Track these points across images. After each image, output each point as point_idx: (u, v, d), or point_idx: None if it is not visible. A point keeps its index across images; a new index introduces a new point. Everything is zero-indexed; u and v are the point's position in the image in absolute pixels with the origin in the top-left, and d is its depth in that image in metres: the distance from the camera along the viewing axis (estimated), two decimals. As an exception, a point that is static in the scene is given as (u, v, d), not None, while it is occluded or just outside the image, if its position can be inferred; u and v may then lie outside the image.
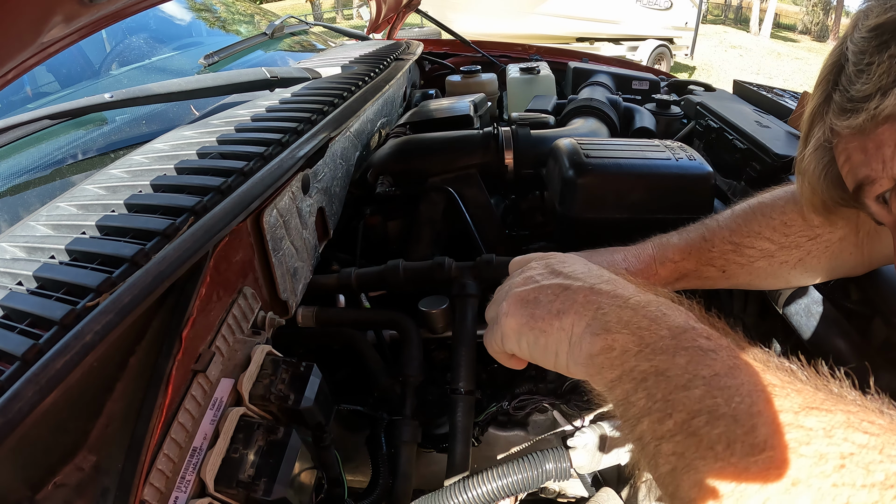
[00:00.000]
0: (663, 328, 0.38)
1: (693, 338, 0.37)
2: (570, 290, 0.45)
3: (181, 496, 0.44)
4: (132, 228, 0.52)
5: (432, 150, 1.09)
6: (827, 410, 0.30)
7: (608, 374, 0.39)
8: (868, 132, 0.45)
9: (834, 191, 0.54)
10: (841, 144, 0.49)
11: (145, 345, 0.47)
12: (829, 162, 0.52)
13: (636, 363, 0.37)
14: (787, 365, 0.36)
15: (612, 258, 0.70)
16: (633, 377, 0.37)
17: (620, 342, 0.39)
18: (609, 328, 0.40)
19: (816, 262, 0.70)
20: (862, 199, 0.50)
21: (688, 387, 0.34)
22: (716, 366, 0.34)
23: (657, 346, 0.37)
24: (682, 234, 0.73)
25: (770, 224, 0.70)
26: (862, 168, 0.47)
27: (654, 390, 0.35)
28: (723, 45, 12.82)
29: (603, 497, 0.77)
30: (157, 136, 0.81)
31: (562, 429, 0.84)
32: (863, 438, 0.28)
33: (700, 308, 0.43)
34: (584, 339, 0.41)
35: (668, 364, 0.35)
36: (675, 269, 0.71)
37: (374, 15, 1.89)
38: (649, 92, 1.67)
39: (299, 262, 0.73)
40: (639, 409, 0.36)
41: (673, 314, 0.39)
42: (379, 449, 0.75)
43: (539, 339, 0.44)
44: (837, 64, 0.48)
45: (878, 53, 0.43)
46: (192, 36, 1.63)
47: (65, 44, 0.40)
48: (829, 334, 0.72)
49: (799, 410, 0.30)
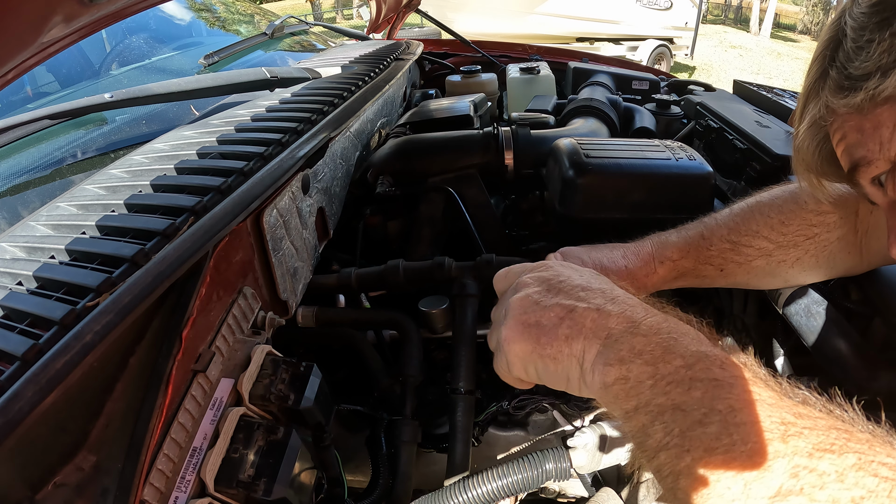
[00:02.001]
0: (677, 357, 0.38)
1: (707, 367, 0.36)
2: (576, 313, 0.43)
3: (181, 496, 0.44)
4: (132, 228, 0.52)
5: (432, 150, 1.09)
6: (839, 452, 0.31)
7: (624, 404, 0.38)
8: (866, 112, 0.44)
9: (828, 167, 0.53)
10: (836, 122, 0.48)
11: (145, 345, 0.47)
12: (823, 138, 0.51)
13: (652, 396, 0.37)
14: (800, 392, 0.36)
15: (611, 254, 0.70)
16: (649, 410, 0.37)
17: (635, 373, 0.38)
18: (622, 358, 0.39)
19: (814, 262, 0.70)
20: (857, 180, 0.49)
21: (703, 422, 0.34)
22: (731, 399, 0.34)
23: (672, 378, 0.37)
24: (681, 233, 0.73)
25: (768, 223, 0.69)
26: (858, 148, 0.46)
27: (671, 425, 0.35)
28: (723, 45, 12.82)
29: (603, 497, 0.77)
30: (157, 136, 0.81)
31: (562, 429, 0.84)
32: (873, 482, 0.29)
33: (710, 329, 0.43)
34: (597, 368, 0.41)
35: (684, 397, 0.35)
36: (674, 268, 0.70)
37: (374, 15, 1.89)
38: (649, 92, 1.66)
39: (299, 262, 0.73)
40: (656, 441, 0.36)
41: (685, 340, 0.39)
42: (379, 449, 0.75)
43: (549, 365, 0.44)
44: (835, 39, 0.47)
45: (878, 31, 0.42)
46: (192, 36, 1.63)
47: (65, 44, 0.40)
48: (830, 334, 0.72)
49: (813, 452, 0.31)
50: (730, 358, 0.38)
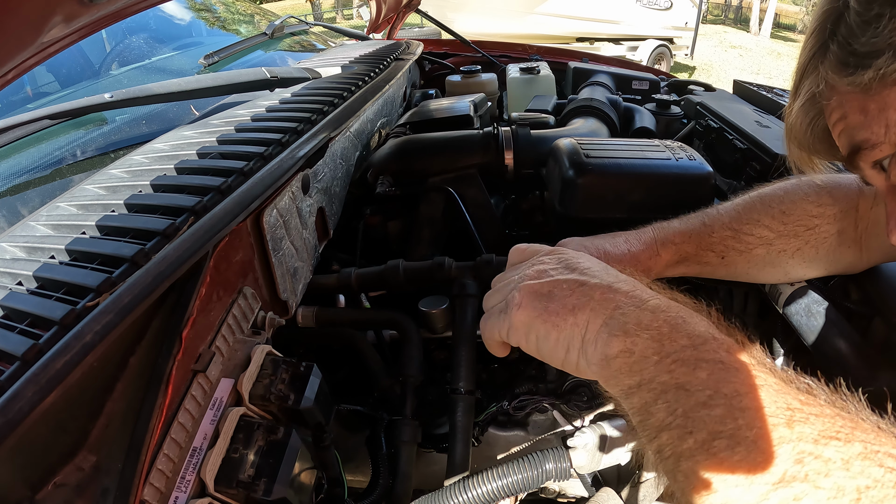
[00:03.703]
0: (683, 336, 0.37)
1: (714, 349, 0.36)
2: (587, 287, 0.43)
3: (181, 496, 0.44)
4: (132, 228, 0.52)
5: (432, 150, 1.09)
6: (845, 440, 0.30)
7: (626, 380, 0.38)
8: (873, 92, 0.41)
9: (820, 145, 0.51)
10: (835, 100, 0.45)
11: (145, 345, 0.47)
12: (816, 114, 0.49)
13: (656, 373, 0.36)
14: (805, 381, 0.36)
15: (614, 240, 0.70)
16: (652, 388, 0.36)
17: (640, 347, 0.38)
18: (627, 330, 0.39)
19: (814, 253, 0.70)
20: (857, 163, 0.47)
21: (708, 404, 0.33)
22: (737, 383, 0.34)
23: (678, 357, 0.36)
24: (683, 220, 0.73)
25: (769, 212, 0.70)
26: (860, 130, 0.44)
27: (674, 404, 0.35)
28: (723, 45, 12.82)
29: (603, 497, 0.77)
30: (157, 136, 0.81)
31: (562, 429, 0.84)
32: (878, 472, 0.29)
33: (718, 315, 0.42)
34: (601, 338, 0.40)
35: (689, 377, 0.35)
36: (676, 252, 0.70)
37: (374, 15, 1.89)
38: (649, 92, 1.66)
39: (299, 262, 0.73)
40: (658, 420, 0.35)
41: (693, 321, 0.38)
42: (379, 449, 0.75)
43: (550, 333, 0.43)
44: (835, 11, 0.43)
45: (888, 5, 0.39)
46: (192, 36, 1.63)
47: (65, 44, 0.40)
48: (830, 334, 0.72)
49: (818, 438, 0.30)
50: (736, 343, 0.37)
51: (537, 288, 0.45)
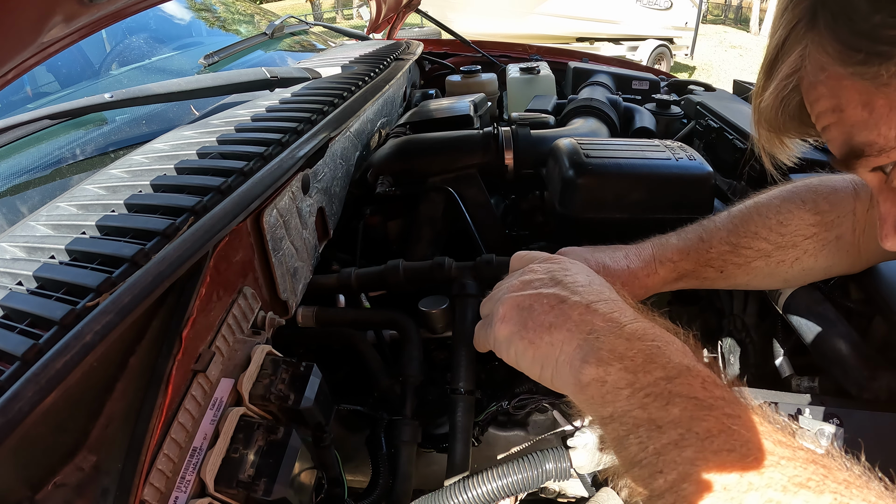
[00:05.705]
0: (658, 367, 0.37)
1: (689, 383, 0.35)
2: (566, 305, 0.43)
3: (181, 496, 0.44)
4: (132, 228, 0.52)
5: (432, 150, 1.09)
6: (815, 489, 0.30)
7: (600, 409, 0.38)
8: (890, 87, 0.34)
9: (791, 122, 0.46)
10: (826, 86, 0.38)
11: (145, 345, 0.47)
12: (790, 93, 0.43)
13: (628, 407, 0.36)
14: (780, 420, 0.36)
15: (614, 255, 0.70)
16: (624, 422, 0.36)
17: (613, 377, 0.37)
18: (601, 357, 0.39)
19: (813, 261, 0.70)
20: (853, 166, 0.41)
21: (680, 444, 0.33)
22: (710, 422, 0.33)
23: (651, 391, 0.36)
24: (681, 235, 0.73)
25: (766, 224, 0.69)
26: (862, 130, 0.37)
27: (646, 441, 0.34)
28: (723, 45, 12.81)
29: (603, 497, 0.77)
30: (157, 136, 0.80)
31: (562, 429, 0.84)
32: None
33: (696, 343, 0.41)
34: (574, 362, 0.40)
35: (661, 412, 0.35)
36: (675, 269, 0.70)
37: (374, 15, 1.89)
38: (649, 92, 1.66)
39: (299, 262, 0.73)
40: (631, 455, 0.35)
41: (669, 350, 0.38)
42: (379, 449, 0.75)
43: (528, 349, 0.44)
44: None
45: None
46: (192, 36, 1.63)
47: (65, 44, 0.40)
48: (830, 334, 0.72)
49: (787, 486, 0.30)
50: (712, 375, 0.37)
51: (519, 301, 0.46)
